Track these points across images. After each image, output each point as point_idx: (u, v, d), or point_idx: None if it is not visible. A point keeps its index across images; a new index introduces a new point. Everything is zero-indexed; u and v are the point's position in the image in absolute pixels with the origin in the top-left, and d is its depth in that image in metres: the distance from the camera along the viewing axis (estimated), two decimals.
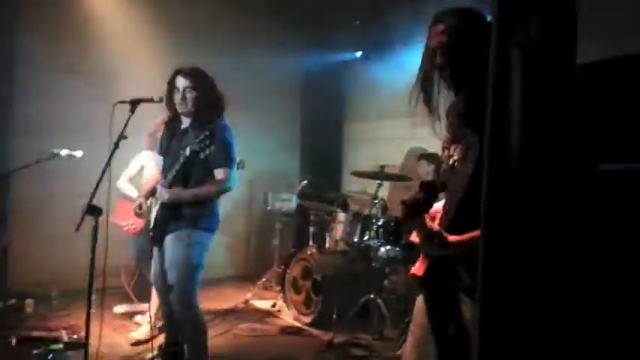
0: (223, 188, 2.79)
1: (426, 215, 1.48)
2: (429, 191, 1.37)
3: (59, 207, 4.35)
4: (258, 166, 5.88)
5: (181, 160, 2.65)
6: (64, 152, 3.70)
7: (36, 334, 3.54)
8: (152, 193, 2.97)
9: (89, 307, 2.92)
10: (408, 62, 4.63)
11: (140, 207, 3.08)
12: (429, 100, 1.57)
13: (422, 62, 1.58)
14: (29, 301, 4.23)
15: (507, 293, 0.87)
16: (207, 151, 2.58)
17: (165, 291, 2.79)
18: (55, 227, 4.21)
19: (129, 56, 4.84)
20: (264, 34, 5.82)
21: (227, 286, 5.38)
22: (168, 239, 2.73)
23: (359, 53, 6.20)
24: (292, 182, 5.95)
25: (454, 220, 1.46)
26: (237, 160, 2.99)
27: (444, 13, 1.54)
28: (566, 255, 0.87)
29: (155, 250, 2.89)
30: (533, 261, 0.84)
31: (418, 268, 1.53)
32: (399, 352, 3.29)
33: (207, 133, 2.53)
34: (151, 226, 2.86)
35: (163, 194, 2.70)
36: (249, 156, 5.83)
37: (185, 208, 2.75)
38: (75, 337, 3.60)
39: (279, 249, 5.15)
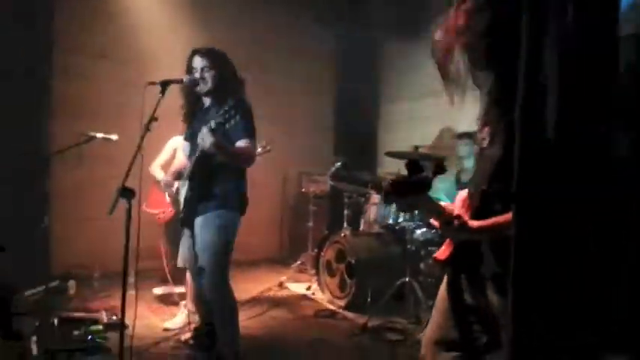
0: (251, 156, 2.75)
1: (452, 202, 1.41)
2: (414, 170, 1.29)
3: (98, 190, 4.42)
4: (292, 147, 5.86)
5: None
6: (99, 135, 3.76)
7: (77, 315, 3.63)
8: (179, 175, 2.95)
9: (124, 289, 2.96)
10: None
11: (176, 191, 3.06)
12: (454, 81, 1.47)
13: (444, 41, 1.47)
14: (71, 283, 4.35)
15: (539, 282, 0.80)
16: (233, 122, 2.52)
17: (197, 273, 2.79)
18: (95, 210, 4.26)
19: (163, 40, 4.85)
20: (298, 17, 5.72)
21: (262, 269, 5.41)
22: (198, 222, 2.71)
23: (394, 30, 6.00)
24: (326, 164, 5.88)
25: (479, 206, 1.38)
26: (264, 143, 2.93)
27: None
28: (571, 252, 0.81)
29: (186, 232, 2.89)
30: (545, 257, 0.80)
31: (442, 252, 1.47)
32: (420, 335, 3.22)
33: (231, 104, 2.49)
34: (181, 208, 2.85)
35: (206, 137, 2.52)
36: (283, 138, 5.83)
37: (215, 187, 2.72)
38: (114, 318, 3.67)
39: (313, 231, 5.11)
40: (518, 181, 0.82)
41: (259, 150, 3.96)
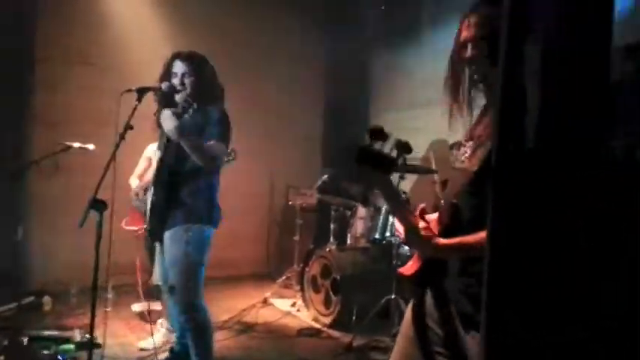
0: (219, 154, 2.59)
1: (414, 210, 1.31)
2: (377, 137, 1.20)
3: (76, 201, 4.29)
4: (279, 159, 5.75)
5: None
6: (76, 145, 3.63)
7: (48, 333, 3.47)
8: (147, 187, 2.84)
9: (93, 306, 2.81)
10: (436, 48, 4.40)
11: (137, 195, 2.92)
12: (456, 94, 1.44)
13: (452, 55, 1.46)
14: (47, 299, 4.20)
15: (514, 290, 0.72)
16: (209, 128, 2.51)
17: (168, 291, 2.65)
18: (72, 222, 4.14)
19: (144, 49, 4.74)
20: (285, 23, 5.65)
21: (247, 285, 5.26)
22: (166, 236, 2.57)
23: (384, 39, 5.94)
24: (315, 175, 5.78)
25: (448, 223, 1.29)
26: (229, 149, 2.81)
27: (478, 3, 1.40)
28: (560, 247, 0.74)
29: (158, 247, 2.75)
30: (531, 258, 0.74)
31: (409, 267, 1.35)
32: None
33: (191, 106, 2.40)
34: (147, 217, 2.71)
35: (169, 119, 2.40)
36: (270, 149, 5.73)
37: (182, 194, 2.58)
38: (87, 336, 3.52)
39: (299, 246, 4.98)
40: (495, 178, 0.73)
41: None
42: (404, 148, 1.23)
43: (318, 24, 5.92)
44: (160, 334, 3.49)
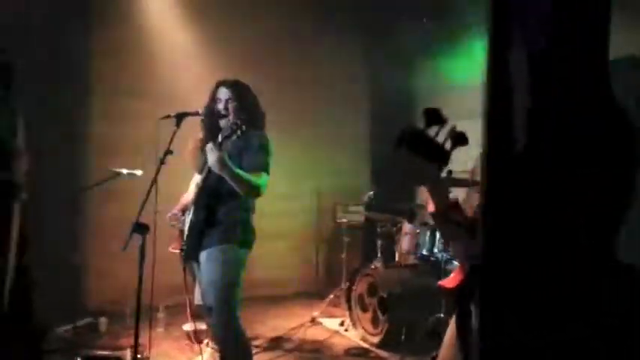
0: (259, 186, 2.61)
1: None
2: (433, 120, 1.07)
3: (128, 225, 4.46)
4: (327, 177, 5.74)
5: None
6: (124, 171, 3.79)
7: (100, 353, 3.59)
8: (186, 208, 2.89)
9: (137, 327, 2.89)
10: (479, 59, 4.27)
11: (183, 223, 2.98)
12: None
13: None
14: (103, 320, 4.34)
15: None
16: (249, 152, 2.58)
17: (207, 311, 2.67)
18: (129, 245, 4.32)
19: (190, 81, 4.88)
20: (328, 43, 5.68)
21: (296, 304, 5.23)
22: (202, 257, 2.62)
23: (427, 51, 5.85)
24: (362, 193, 5.72)
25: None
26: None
27: None
28: (554, 246, 0.69)
29: (195, 268, 2.78)
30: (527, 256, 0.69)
31: (451, 280, 1.26)
32: None
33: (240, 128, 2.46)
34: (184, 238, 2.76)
35: (211, 152, 2.46)
36: (318, 167, 5.75)
37: (220, 215, 2.63)
38: (139, 356, 3.60)
39: (346, 264, 4.91)
40: (489, 178, 0.69)
41: None
42: (459, 139, 1.12)
43: (363, 41, 5.92)
44: (207, 354, 3.51)
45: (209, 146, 2.49)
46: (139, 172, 3.80)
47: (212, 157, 2.45)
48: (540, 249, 0.66)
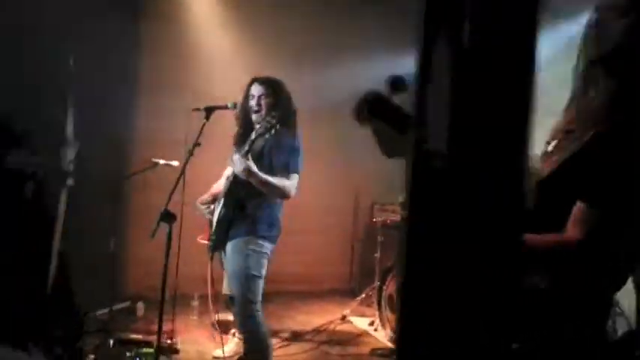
0: (288, 189, 2.65)
1: None
2: (398, 88, 0.99)
3: None
4: (365, 175, 5.68)
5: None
6: (162, 162, 3.91)
7: (133, 337, 3.71)
8: (216, 198, 2.93)
9: (161, 314, 2.98)
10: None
11: (211, 212, 3.02)
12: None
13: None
14: (140, 305, 4.50)
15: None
16: (276, 151, 2.61)
17: (231, 302, 2.72)
18: (164, 232, 4.45)
19: (227, 78, 4.96)
20: (366, 42, 5.62)
21: (328, 300, 5.22)
22: (228, 248, 2.67)
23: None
24: (399, 193, 5.62)
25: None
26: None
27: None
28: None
29: (223, 258, 2.83)
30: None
31: None
32: None
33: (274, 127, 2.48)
34: (212, 229, 2.81)
35: (238, 162, 2.55)
36: (355, 165, 5.69)
37: (248, 207, 2.67)
38: (169, 342, 3.70)
39: (380, 263, 4.85)
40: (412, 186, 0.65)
41: None
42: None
43: (397, 38, 5.81)
44: (233, 344, 3.56)
45: (236, 157, 2.56)
46: (175, 163, 3.90)
47: (239, 166, 2.52)
48: (459, 253, 0.61)
